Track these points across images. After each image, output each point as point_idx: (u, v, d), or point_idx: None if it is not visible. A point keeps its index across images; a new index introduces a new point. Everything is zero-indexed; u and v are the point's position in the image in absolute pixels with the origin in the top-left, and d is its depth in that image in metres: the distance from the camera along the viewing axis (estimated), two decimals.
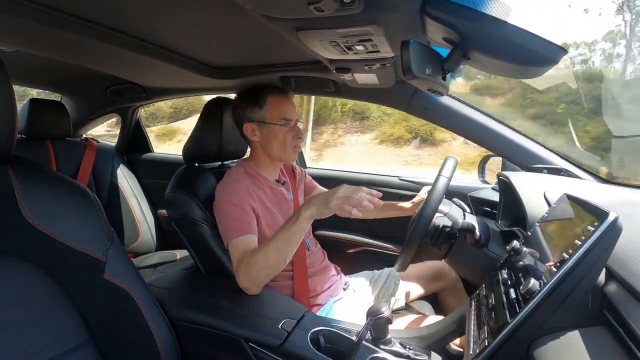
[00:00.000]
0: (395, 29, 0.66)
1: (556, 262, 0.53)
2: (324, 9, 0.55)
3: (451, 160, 0.92)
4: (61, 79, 1.66)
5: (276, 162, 1.06)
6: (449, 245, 0.91)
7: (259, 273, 0.81)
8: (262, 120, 0.98)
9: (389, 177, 1.60)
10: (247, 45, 0.96)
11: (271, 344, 0.70)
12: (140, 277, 0.71)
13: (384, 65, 0.85)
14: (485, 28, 0.56)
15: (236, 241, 0.87)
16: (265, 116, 0.98)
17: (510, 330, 0.52)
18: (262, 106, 0.98)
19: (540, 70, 0.61)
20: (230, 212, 0.90)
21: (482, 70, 0.73)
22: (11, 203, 0.57)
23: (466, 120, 1.14)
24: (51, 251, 0.59)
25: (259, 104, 0.98)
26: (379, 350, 0.70)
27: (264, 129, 0.99)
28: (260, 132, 0.99)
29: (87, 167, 1.66)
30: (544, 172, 1.07)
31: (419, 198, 1.17)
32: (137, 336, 0.68)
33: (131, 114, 1.89)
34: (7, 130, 0.57)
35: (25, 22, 0.76)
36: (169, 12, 0.76)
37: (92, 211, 0.66)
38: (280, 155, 1.01)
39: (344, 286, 1.13)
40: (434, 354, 0.77)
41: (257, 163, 1.05)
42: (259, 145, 1.02)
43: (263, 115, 0.98)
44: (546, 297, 0.50)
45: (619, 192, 0.90)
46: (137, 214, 1.78)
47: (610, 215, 0.49)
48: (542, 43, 0.54)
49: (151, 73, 1.34)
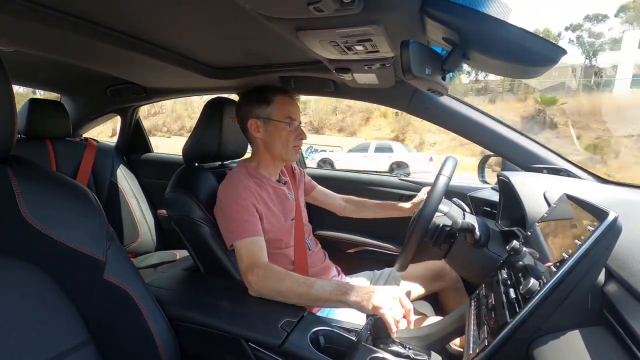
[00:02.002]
0: (395, 29, 0.66)
1: (556, 262, 0.53)
2: (323, 9, 0.55)
3: (451, 160, 0.92)
4: (61, 79, 1.65)
5: (277, 161, 1.06)
6: (449, 245, 0.91)
7: (271, 292, 0.81)
8: (268, 117, 0.99)
9: (388, 177, 1.60)
10: (247, 45, 0.96)
11: (271, 344, 0.70)
12: (140, 277, 0.71)
13: (383, 65, 0.85)
14: (485, 28, 0.56)
15: (244, 242, 0.87)
16: (271, 113, 0.99)
17: (510, 330, 0.52)
18: (270, 104, 0.99)
19: (539, 70, 0.61)
20: (236, 213, 0.90)
21: (481, 70, 0.73)
22: (11, 203, 0.57)
23: (466, 120, 1.14)
24: (51, 251, 0.59)
25: (267, 101, 0.99)
26: (378, 350, 0.70)
27: (268, 126, 1.00)
28: (264, 128, 1.00)
29: (86, 167, 1.66)
30: (544, 172, 1.07)
31: (419, 198, 1.17)
32: (137, 336, 0.67)
33: (131, 114, 1.89)
34: (6, 130, 0.57)
35: (24, 22, 0.76)
36: (169, 12, 0.76)
37: (92, 211, 0.66)
38: (282, 153, 1.02)
39: None
40: (433, 354, 0.76)
41: (259, 163, 1.05)
42: (261, 143, 1.02)
43: (269, 113, 0.99)
44: (546, 297, 0.50)
45: (619, 191, 0.90)
46: (137, 214, 1.78)
47: (610, 215, 0.49)
48: (541, 43, 0.54)
49: (151, 73, 1.34)
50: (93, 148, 1.71)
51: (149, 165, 1.96)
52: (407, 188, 1.51)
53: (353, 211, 1.30)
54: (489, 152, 1.27)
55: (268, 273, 0.82)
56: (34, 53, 1.06)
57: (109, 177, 1.74)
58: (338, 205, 1.32)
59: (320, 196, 1.30)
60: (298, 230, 1.07)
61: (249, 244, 0.87)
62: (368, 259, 1.49)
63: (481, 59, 0.63)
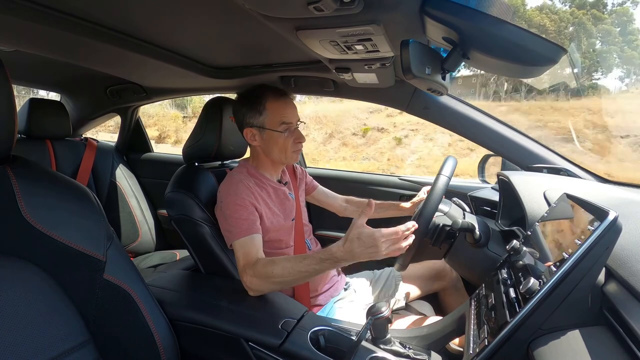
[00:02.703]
0: (395, 29, 0.66)
1: (556, 261, 0.53)
2: (323, 8, 0.55)
3: (451, 160, 0.92)
4: (61, 79, 1.65)
5: (277, 164, 1.06)
6: (449, 245, 0.91)
7: (267, 285, 0.81)
8: (262, 126, 0.97)
9: (388, 177, 1.60)
10: (247, 45, 0.96)
11: (271, 344, 0.70)
12: (140, 277, 0.71)
13: (383, 64, 0.85)
14: (485, 27, 0.56)
15: (242, 241, 0.87)
16: (264, 122, 0.97)
17: (510, 330, 0.52)
18: (262, 112, 0.97)
19: (539, 70, 0.61)
20: (235, 212, 0.90)
21: (481, 69, 0.73)
22: (11, 203, 0.57)
23: (466, 119, 1.14)
24: (51, 251, 0.59)
25: (258, 110, 0.97)
26: (378, 350, 0.70)
27: (264, 134, 0.98)
28: (260, 137, 0.99)
29: (86, 167, 1.66)
30: (544, 171, 1.07)
31: (419, 198, 1.17)
32: (137, 336, 0.67)
33: (131, 114, 1.89)
34: (6, 130, 0.57)
35: (24, 22, 0.76)
36: (169, 12, 0.76)
37: (92, 211, 0.66)
38: (281, 159, 1.01)
39: (345, 286, 1.13)
40: (433, 354, 0.77)
41: (259, 164, 1.04)
42: (259, 149, 1.02)
43: (263, 122, 0.97)
44: (546, 297, 0.50)
45: (619, 191, 0.90)
46: (137, 214, 1.78)
47: (610, 215, 0.49)
48: (541, 43, 0.54)
49: (151, 73, 1.34)
50: (93, 148, 1.71)
51: (149, 165, 1.96)
52: (407, 188, 1.51)
53: (354, 212, 1.30)
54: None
55: (258, 268, 0.81)
56: (34, 53, 1.06)
57: (109, 177, 1.74)
58: (339, 206, 1.32)
59: (322, 196, 1.30)
60: (298, 231, 1.07)
61: (244, 244, 0.87)
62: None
63: (481, 59, 0.63)
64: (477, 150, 8.33)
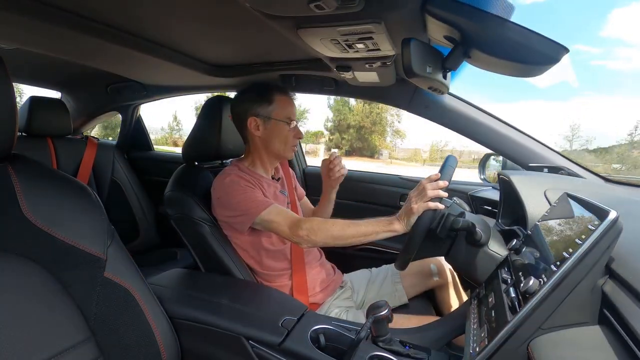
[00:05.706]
0: (396, 27, 0.65)
1: (556, 261, 0.53)
2: (324, 6, 0.55)
3: (451, 159, 0.91)
4: (61, 77, 1.65)
5: (273, 158, 1.06)
6: (449, 244, 0.90)
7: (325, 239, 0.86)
8: (269, 116, 0.99)
9: (389, 176, 1.60)
10: (248, 43, 0.96)
11: (271, 342, 0.70)
12: (141, 275, 0.71)
13: (384, 63, 0.85)
14: (487, 26, 0.55)
15: (268, 212, 0.90)
16: (272, 112, 0.99)
17: (510, 329, 0.52)
18: (272, 103, 0.99)
19: (541, 69, 0.60)
20: (243, 194, 0.92)
21: (483, 68, 0.72)
22: (11, 201, 0.57)
23: (467, 118, 1.14)
24: (52, 249, 0.59)
25: (269, 100, 1.00)
26: (379, 349, 0.70)
27: (268, 125, 1.00)
28: (264, 127, 1.00)
29: (87, 165, 1.66)
30: (545, 170, 1.07)
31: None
32: (138, 334, 0.68)
33: (131, 112, 1.89)
34: (7, 128, 0.57)
35: (25, 20, 0.76)
36: (170, 11, 0.76)
37: (93, 209, 0.66)
38: (280, 151, 1.03)
39: (342, 284, 1.13)
40: (433, 353, 0.77)
41: (253, 161, 1.05)
42: (259, 141, 1.02)
43: (271, 112, 0.99)
44: (546, 296, 0.50)
45: (620, 191, 0.90)
46: (138, 212, 1.78)
47: (611, 214, 0.49)
48: (544, 42, 0.54)
49: (151, 71, 1.34)
50: (94, 146, 1.72)
51: (150, 163, 1.96)
52: (407, 187, 1.50)
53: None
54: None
55: (315, 224, 0.86)
56: (35, 51, 1.06)
57: (110, 175, 1.74)
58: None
59: (303, 207, 1.29)
60: None
61: (275, 211, 0.90)
62: (365, 257, 1.49)
63: (483, 58, 0.63)
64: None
